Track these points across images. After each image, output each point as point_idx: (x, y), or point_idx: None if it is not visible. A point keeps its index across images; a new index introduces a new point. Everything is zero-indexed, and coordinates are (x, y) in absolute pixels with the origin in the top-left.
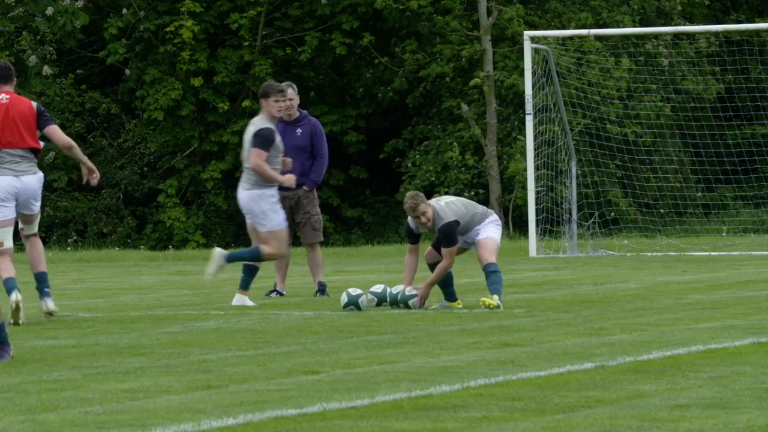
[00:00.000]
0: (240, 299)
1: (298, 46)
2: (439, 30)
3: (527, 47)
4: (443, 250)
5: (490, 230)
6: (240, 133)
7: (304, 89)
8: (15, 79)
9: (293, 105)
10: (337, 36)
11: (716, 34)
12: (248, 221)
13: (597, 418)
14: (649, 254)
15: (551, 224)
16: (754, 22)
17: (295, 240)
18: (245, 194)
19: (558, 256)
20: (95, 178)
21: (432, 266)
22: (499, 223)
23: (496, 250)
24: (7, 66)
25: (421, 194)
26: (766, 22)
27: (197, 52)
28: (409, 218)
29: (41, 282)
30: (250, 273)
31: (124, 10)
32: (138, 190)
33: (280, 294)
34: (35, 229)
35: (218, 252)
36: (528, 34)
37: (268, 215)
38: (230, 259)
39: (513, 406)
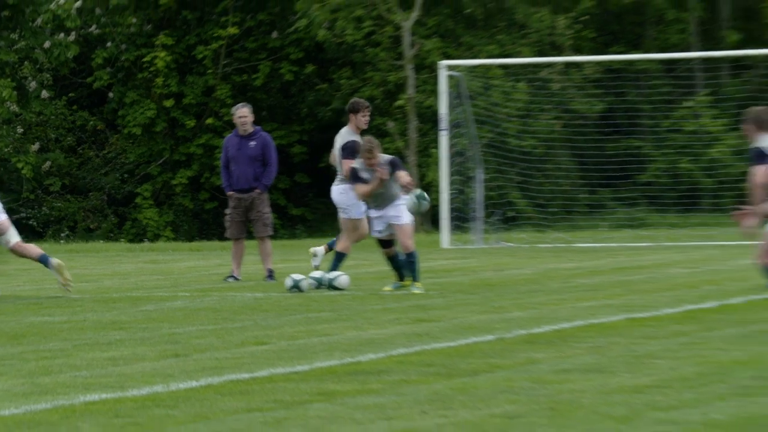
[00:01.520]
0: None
1: (253, 73)
2: (370, 60)
3: (443, 74)
4: (399, 172)
5: (408, 214)
6: (204, 146)
7: (258, 109)
8: None
9: (248, 122)
10: (285, 65)
11: (600, 63)
12: (339, 215)
13: (496, 380)
14: (542, 246)
15: (461, 221)
16: (630, 53)
17: (249, 234)
18: (335, 189)
19: (466, 247)
20: None
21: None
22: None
23: (413, 233)
24: None
25: None
26: (640, 53)
27: (169, 78)
28: (358, 164)
29: (43, 262)
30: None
31: (109, 43)
32: (119, 193)
33: (236, 279)
34: (14, 237)
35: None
36: (444, 63)
37: (350, 206)
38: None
39: (427, 371)
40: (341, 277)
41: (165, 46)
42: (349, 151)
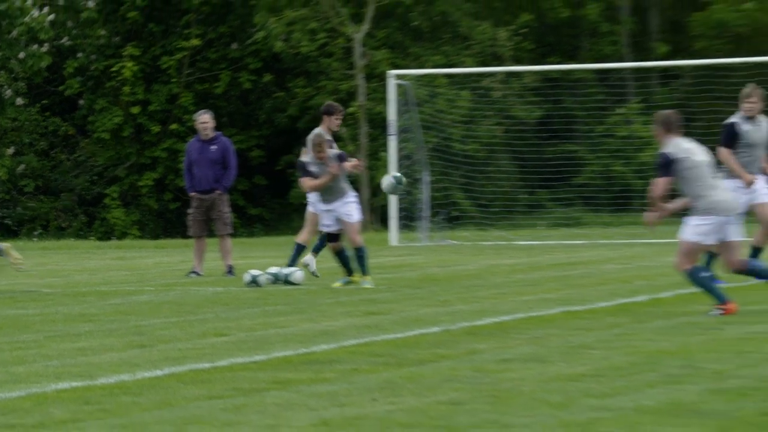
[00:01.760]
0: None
1: (214, 82)
2: (324, 69)
3: (392, 83)
4: (346, 163)
5: (356, 212)
6: (168, 150)
7: (219, 116)
8: None
9: (209, 127)
10: (244, 74)
11: (538, 72)
12: (308, 209)
13: (442, 369)
14: (484, 243)
15: (408, 220)
16: (566, 63)
17: (210, 232)
18: None
19: (413, 245)
20: None
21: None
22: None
23: (361, 229)
24: None
25: None
26: (576, 63)
27: (136, 87)
28: (307, 157)
29: None
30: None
31: (79, 54)
32: (89, 193)
33: (198, 274)
34: None
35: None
36: (392, 72)
37: (315, 202)
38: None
39: (377, 361)
40: (296, 273)
41: (132, 57)
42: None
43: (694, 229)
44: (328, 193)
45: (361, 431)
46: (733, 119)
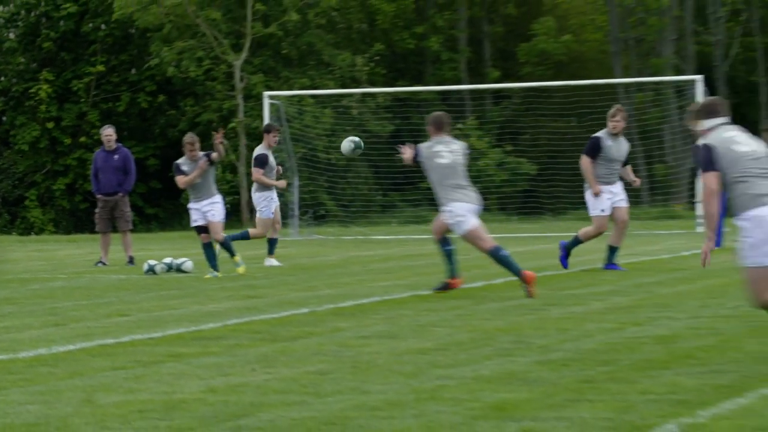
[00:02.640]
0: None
1: (116, 102)
2: (209, 91)
3: (266, 102)
4: (213, 154)
5: (220, 212)
6: (78, 159)
7: (120, 130)
8: None
9: (112, 140)
10: (142, 95)
11: (389, 93)
12: (256, 215)
13: (310, 344)
14: (345, 238)
15: (282, 218)
16: (414, 86)
17: (114, 228)
18: (255, 194)
19: (286, 239)
20: None
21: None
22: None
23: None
24: None
25: None
26: (421, 86)
27: (50, 106)
28: (182, 159)
29: None
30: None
31: (2, 78)
32: (11, 195)
33: (104, 264)
34: None
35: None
36: (266, 93)
37: (262, 208)
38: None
39: (255, 337)
40: (187, 263)
41: (47, 80)
42: (260, 161)
43: (454, 222)
44: (198, 192)
45: (242, 397)
46: (599, 134)
